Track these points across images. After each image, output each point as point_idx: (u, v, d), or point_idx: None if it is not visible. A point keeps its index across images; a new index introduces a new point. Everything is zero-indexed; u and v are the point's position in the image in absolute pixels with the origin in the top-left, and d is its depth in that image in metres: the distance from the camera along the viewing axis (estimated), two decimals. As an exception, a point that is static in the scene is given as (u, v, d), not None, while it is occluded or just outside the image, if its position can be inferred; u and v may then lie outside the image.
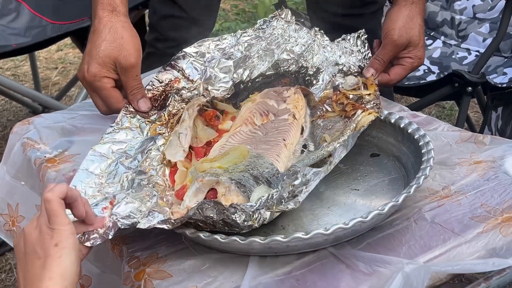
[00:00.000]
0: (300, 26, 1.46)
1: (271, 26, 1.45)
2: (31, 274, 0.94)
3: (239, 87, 1.40)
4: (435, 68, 2.46)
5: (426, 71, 2.46)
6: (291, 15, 1.47)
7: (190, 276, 1.06)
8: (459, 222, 1.11)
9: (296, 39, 1.45)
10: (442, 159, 1.27)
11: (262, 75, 1.42)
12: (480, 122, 2.62)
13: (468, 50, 2.53)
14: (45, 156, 1.38)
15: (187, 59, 1.39)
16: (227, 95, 1.39)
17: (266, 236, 1.04)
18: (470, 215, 1.13)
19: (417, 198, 1.17)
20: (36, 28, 2.50)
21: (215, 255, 1.09)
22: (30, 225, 0.98)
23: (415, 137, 1.24)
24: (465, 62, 2.48)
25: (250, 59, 1.41)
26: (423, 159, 1.17)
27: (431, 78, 2.41)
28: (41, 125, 1.47)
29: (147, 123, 1.30)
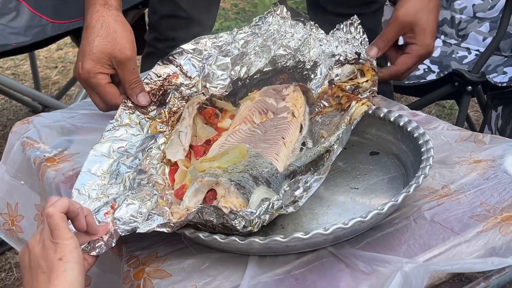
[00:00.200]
0: (296, 22, 1.46)
1: (266, 22, 1.45)
2: None
3: (237, 85, 1.40)
4: (435, 67, 2.46)
5: (426, 70, 2.46)
6: (286, 11, 1.46)
7: (190, 276, 1.06)
8: (459, 221, 1.11)
9: (292, 34, 1.44)
10: (441, 158, 1.27)
11: (259, 71, 1.42)
12: (480, 121, 2.61)
13: (468, 49, 2.52)
14: (44, 155, 1.38)
15: (185, 56, 1.38)
16: (225, 93, 1.38)
17: (266, 236, 1.04)
18: (469, 214, 1.13)
19: (416, 197, 1.17)
20: (36, 27, 2.50)
21: (215, 255, 1.09)
22: (34, 239, 0.98)
23: (415, 135, 1.24)
24: (465, 61, 2.48)
25: (247, 56, 1.41)
26: (422, 158, 1.17)
27: (431, 77, 2.42)
28: (40, 124, 1.47)
29: (147, 120, 1.30)
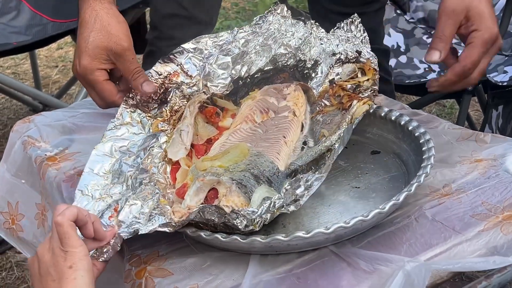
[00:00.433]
0: (297, 20, 1.46)
1: (267, 21, 1.44)
2: None
3: (238, 84, 1.40)
4: (435, 67, 2.46)
5: (427, 69, 2.45)
6: (287, 10, 1.46)
7: (191, 274, 1.06)
8: (460, 220, 1.11)
9: (293, 33, 1.44)
10: (443, 157, 1.27)
11: (260, 70, 1.41)
12: (480, 121, 2.61)
13: (468, 49, 2.52)
14: (45, 154, 1.38)
15: (186, 55, 1.38)
16: (226, 92, 1.38)
17: (267, 235, 1.04)
18: (471, 213, 1.13)
19: (418, 196, 1.17)
20: (37, 26, 2.49)
21: (216, 253, 1.09)
22: (43, 246, 0.98)
23: (416, 134, 1.24)
24: (465, 60, 2.48)
25: (247, 55, 1.41)
26: (423, 157, 1.17)
27: (432, 76, 2.41)
28: (41, 123, 1.47)
29: (148, 118, 1.30)
